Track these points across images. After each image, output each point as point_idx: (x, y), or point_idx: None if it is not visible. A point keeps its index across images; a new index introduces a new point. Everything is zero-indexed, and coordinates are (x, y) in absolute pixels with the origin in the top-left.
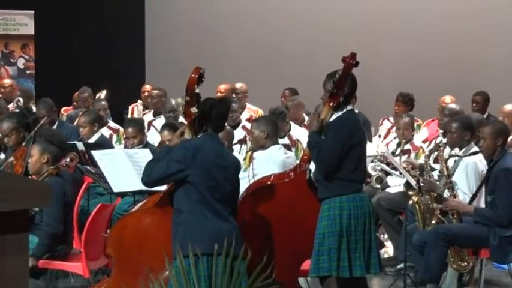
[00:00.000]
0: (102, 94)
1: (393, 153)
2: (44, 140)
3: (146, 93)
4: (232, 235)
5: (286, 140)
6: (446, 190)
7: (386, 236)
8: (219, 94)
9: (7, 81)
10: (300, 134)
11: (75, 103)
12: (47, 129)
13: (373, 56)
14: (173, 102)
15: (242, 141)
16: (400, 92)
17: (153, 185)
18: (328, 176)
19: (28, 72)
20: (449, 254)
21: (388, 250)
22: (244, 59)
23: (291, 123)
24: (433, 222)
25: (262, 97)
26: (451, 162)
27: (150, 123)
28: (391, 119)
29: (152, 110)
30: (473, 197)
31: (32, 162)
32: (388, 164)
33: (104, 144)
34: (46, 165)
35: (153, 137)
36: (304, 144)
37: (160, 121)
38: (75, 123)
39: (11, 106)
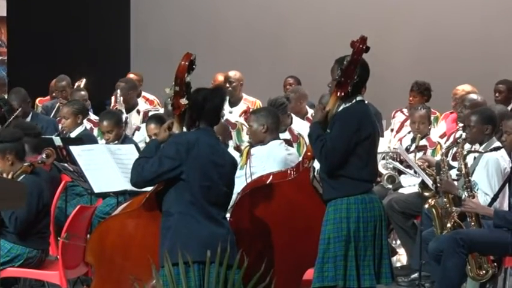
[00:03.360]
0: (82, 83)
1: (407, 150)
2: None
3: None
4: (226, 241)
5: (287, 135)
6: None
7: (398, 242)
8: None
9: None
10: (303, 127)
11: (53, 93)
12: None
13: (384, 42)
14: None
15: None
16: (415, 81)
17: (143, 185)
18: (331, 173)
19: (0, 58)
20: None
21: (401, 258)
22: (241, 45)
23: (293, 115)
24: (449, 225)
25: (261, 87)
26: (470, 159)
27: (145, 115)
28: (405, 111)
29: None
30: (495, 197)
31: None
32: (401, 162)
33: (87, 139)
34: (14, 165)
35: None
36: (307, 139)
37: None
38: (51, 115)
39: None
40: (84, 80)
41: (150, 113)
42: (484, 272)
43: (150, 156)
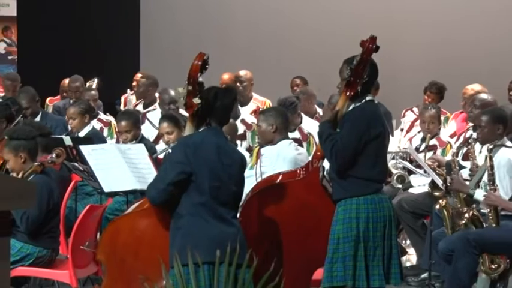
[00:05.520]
0: (94, 83)
1: (417, 149)
2: (10, 139)
3: (134, 82)
4: (236, 240)
5: (296, 134)
6: (478, 190)
7: (408, 241)
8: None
9: None
10: (312, 127)
11: (64, 93)
12: (8, 129)
13: (394, 41)
14: (172, 93)
15: (241, 137)
16: (432, 81)
17: (163, 197)
18: (341, 172)
19: (10, 58)
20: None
21: (411, 258)
22: (249, 45)
23: (303, 115)
24: (463, 222)
25: (270, 87)
26: (481, 160)
27: (144, 116)
28: (415, 110)
29: (143, 101)
30: (510, 199)
31: (10, 167)
32: (411, 161)
33: (95, 138)
34: (26, 164)
35: (147, 131)
36: (317, 138)
37: (155, 113)
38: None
39: None
40: (96, 80)
41: (148, 114)
42: (496, 265)
43: None
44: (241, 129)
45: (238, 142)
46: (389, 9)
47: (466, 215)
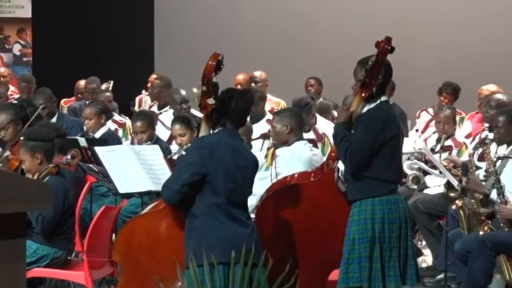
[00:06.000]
0: (110, 85)
1: (432, 150)
2: (27, 140)
3: (149, 83)
4: (251, 241)
5: (311, 134)
6: (494, 190)
7: (424, 243)
8: (238, 87)
9: (4, 70)
10: (327, 127)
11: (79, 94)
12: (26, 129)
13: (409, 42)
14: (183, 92)
15: (265, 136)
16: (447, 82)
17: (177, 198)
18: (356, 173)
19: (25, 59)
20: (500, 263)
21: (427, 259)
22: (264, 46)
23: (317, 115)
24: (481, 233)
25: (285, 87)
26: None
27: (156, 118)
28: (430, 110)
29: (157, 103)
30: None
31: (26, 167)
32: (426, 162)
33: (111, 139)
34: (42, 165)
35: (160, 132)
36: (331, 139)
37: (167, 114)
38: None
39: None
40: (112, 82)
41: (160, 115)
42: None
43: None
44: (266, 128)
45: (260, 141)
46: (404, 9)
47: (481, 233)
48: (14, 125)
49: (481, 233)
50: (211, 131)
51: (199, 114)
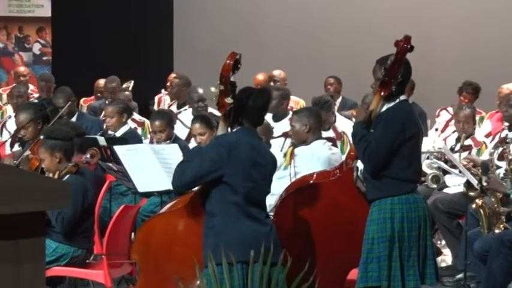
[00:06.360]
0: (130, 85)
1: (452, 149)
2: (47, 139)
3: (168, 83)
4: (269, 240)
5: (331, 133)
6: None
7: (443, 242)
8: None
9: (24, 69)
10: (346, 126)
11: (98, 94)
12: (46, 128)
13: (428, 41)
14: (201, 91)
15: (287, 135)
16: (467, 81)
17: (185, 188)
18: (375, 173)
19: (44, 58)
20: None
21: (446, 258)
22: (283, 45)
23: (337, 114)
24: (497, 231)
25: (304, 86)
26: None
27: (175, 117)
28: (450, 110)
29: (176, 102)
30: None
31: (46, 166)
32: (446, 161)
33: (132, 138)
34: (61, 164)
35: (179, 131)
36: (351, 137)
37: (186, 113)
38: (102, 114)
39: None
40: (132, 82)
41: (179, 114)
42: None
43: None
44: (288, 127)
45: (282, 139)
46: (424, 7)
47: (497, 231)
48: (33, 124)
49: (497, 231)
50: (229, 130)
51: (218, 113)
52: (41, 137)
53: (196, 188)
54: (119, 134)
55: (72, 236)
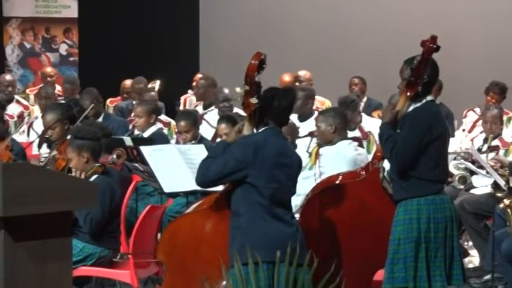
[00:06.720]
0: (156, 85)
1: (479, 150)
2: (74, 138)
3: (194, 83)
4: (295, 240)
5: (357, 132)
6: None
7: (470, 243)
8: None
9: (51, 70)
10: (373, 125)
11: (124, 94)
12: (74, 128)
13: (455, 41)
14: (226, 91)
15: (313, 134)
16: (494, 82)
17: (208, 186)
18: (402, 173)
19: (71, 59)
20: None
21: (473, 259)
22: (308, 46)
23: (363, 114)
24: None
25: (330, 87)
26: None
27: (201, 117)
28: (477, 110)
29: (202, 103)
30: None
31: (73, 166)
32: (473, 162)
33: (159, 138)
34: (88, 164)
35: (205, 131)
36: (377, 136)
37: (212, 114)
38: (131, 115)
39: None
40: (158, 82)
41: (205, 115)
42: None
43: (217, 157)
44: (314, 127)
45: (308, 139)
46: (450, 7)
47: None
48: (60, 125)
49: None
50: (254, 130)
51: (244, 114)
52: (69, 136)
53: (221, 188)
54: (146, 134)
55: (99, 236)
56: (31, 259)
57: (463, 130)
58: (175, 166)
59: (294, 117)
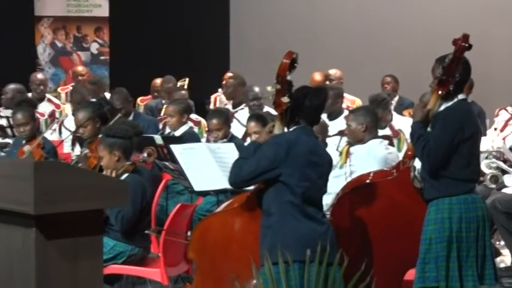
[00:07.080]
0: (185, 83)
1: (511, 149)
2: (106, 137)
3: (224, 82)
4: (326, 239)
5: (387, 131)
6: None
7: (502, 242)
8: None
9: (82, 68)
10: (403, 124)
11: (155, 93)
12: (106, 126)
13: (487, 40)
14: (256, 89)
15: (343, 133)
16: None
17: (241, 185)
18: (433, 172)
19: (102, 58)
20: None
21: (505, 259)
22: (339, 45)
23: (394, 112)
24: None
25: (360, 86)
26: None
27: (232, 116)
28: (509, 109)
29: (232, 101)
30: None
31: (104, 164)
32: (505, 161)
33: (190, 138)
34: (120, 162)
35: (236, 130)
36: (407, 134)
37: (243, 112)
38: (162, 113)
39: None
40: (187, 80)
41: (236, 114)
42: None
43: (248, 157)
44: (343, 125)
45: (338, 138)
46: (481, 5)
47: None
48: (92, 123)
49: None
50: (285, 129)
51: (275, 112)
52: (100, 135)
53: (252, 187)
54: (178, 133)
55: (130, 234)
56: (62, 257)
57: (495, 129)
58: (205, 164)
59: (323, 116)
